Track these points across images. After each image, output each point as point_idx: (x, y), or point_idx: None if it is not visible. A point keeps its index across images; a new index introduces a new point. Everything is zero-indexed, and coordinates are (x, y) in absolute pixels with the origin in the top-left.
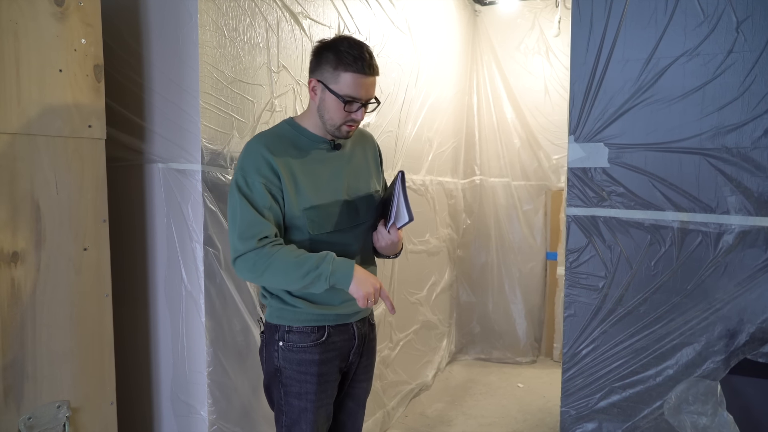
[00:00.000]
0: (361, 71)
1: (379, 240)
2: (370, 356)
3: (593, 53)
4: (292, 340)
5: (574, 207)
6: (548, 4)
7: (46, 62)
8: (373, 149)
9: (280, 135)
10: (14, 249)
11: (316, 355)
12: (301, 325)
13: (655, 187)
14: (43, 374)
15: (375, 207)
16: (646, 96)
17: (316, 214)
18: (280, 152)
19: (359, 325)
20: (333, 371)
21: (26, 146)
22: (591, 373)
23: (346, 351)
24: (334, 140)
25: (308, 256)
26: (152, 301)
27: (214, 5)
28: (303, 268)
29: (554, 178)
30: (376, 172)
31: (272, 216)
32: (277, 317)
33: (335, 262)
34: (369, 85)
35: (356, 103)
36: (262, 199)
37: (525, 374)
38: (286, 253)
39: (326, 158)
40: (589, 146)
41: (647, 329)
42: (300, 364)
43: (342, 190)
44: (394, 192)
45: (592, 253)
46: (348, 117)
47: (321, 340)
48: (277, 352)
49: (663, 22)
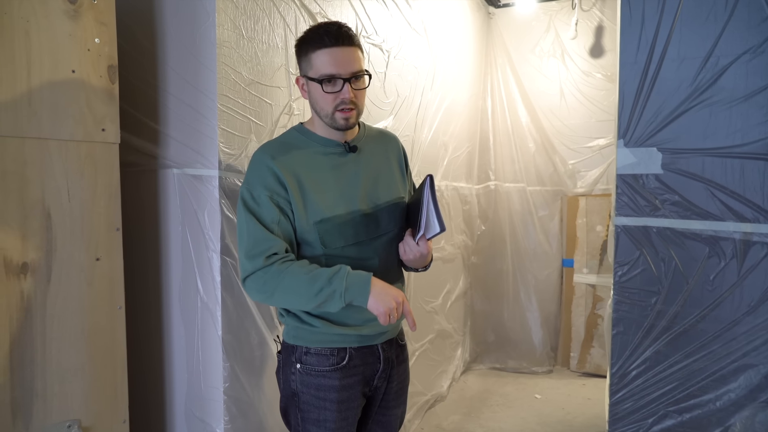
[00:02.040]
0: (329, 44)
1: (406, 252)
2: (402, 380)
3: (645, 52)
4: (310, 363)
5: (623, 216)
6: (564, 6)
7: (58, 62)
8: (397, 151)
9: (287, 143)
10: (24, 260)
11: (336, 381)
12: (320, 347)
13: (714, 195)
14: (53, 392)
15: (398, 216)
16: (704, 97)
17: (328, 228)
18: (286, 162)
19: (385, 347)
20: (355, 397)
21: (37, 151)
22: (642, 396)
23: (369, 375)
24: (348, 143)
25: (320, 272)
26: (166, 313)
27: (233, 4)
28: (315, 285)
29: (570, 184)
30: (400, 177)
31: (282, 231)
32: (294, 337)
33: (350, 277)
34: (344, 57)
35: (337, 80)
36: (269, 214)
37: (542, 384)
38: (296, 269)
39: (340, 164)
40: (640, 151)
41: (705, 349)
42: (318, 389)
43: (358, 198)
44: (423, 199)
45: (643, 266)
46: (336, 100)
47: (341, 364)
48: (294, 374)
49: (723, 17)
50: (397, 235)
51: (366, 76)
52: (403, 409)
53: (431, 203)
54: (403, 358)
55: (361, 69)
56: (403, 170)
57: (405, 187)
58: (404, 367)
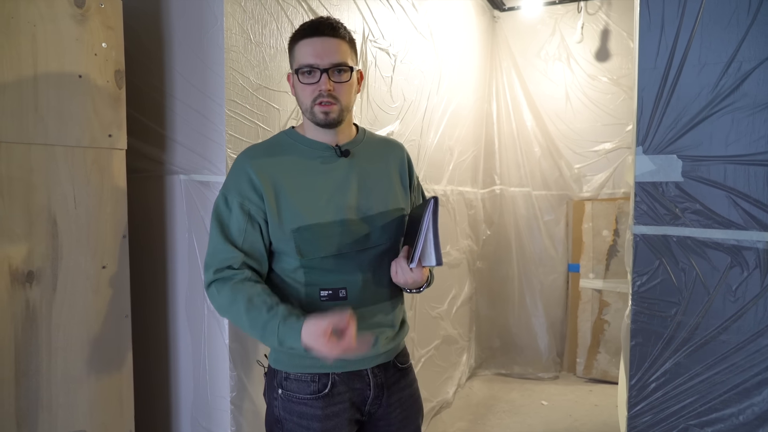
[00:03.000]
0: (309, 34)
1: (397, 274)
2: (406, 407)
3: (665, 57)
4: (291, 389)
5: (642, 225)
6: (569, 9)
7: (65, 67)
8: (399, 160)
9: (273, 146)
10: (30, 268)
11: (318, 410)
12: (300, 372)
13: (736, 203)
14: (59, 402)
15: (394, 229)
16: (726, 103)
17: (307, 236)
18: (266, 165)
19: (377, 372)
20: (342, 426)
21: (43, 157)
22: (662, 409)
23: (359, 401)
24: (339, 146)
25: (257, 315)
26: (172, 321)
27: (240, 8)
28: (254, 331)
29: (576, 188)
30: (400, 188)
31: (247, 242)
32: (274, 360)
33: (281, 330)
34: (324, 47)
35: (315, 70)
36: (237, 222)
37: (548, 391)
38: (241, 302)
39: (329, 168)
40: (659, 158)
41: (727, 361)
42: (301, 416)
43: (346, 207)
44: (423, 224)
45: (663, 276)
46: (315, 92)
47: (323, 392)
48: (276, 400)
49: (746, 22)
50: (391, 249)
51: (349, 71)
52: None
53: (431, 231)
54: (407, 384)
55: (344, 62)
56: (405, 180)
57: (406, 198)
58: (409, 393)
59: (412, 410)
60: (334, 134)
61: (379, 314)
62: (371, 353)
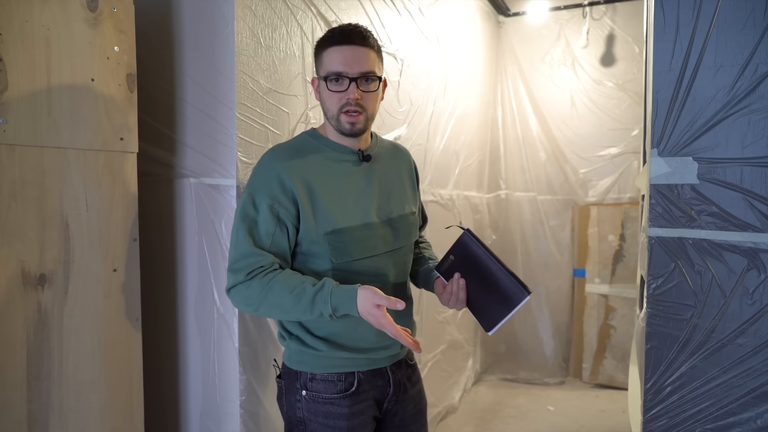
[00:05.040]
0: (339, 42)
1: (449, 302)
2: (418, 402)
3: (680, 59)
4: (317, 390)
5: (657, 227)
6: (574, 14)
7: (77, 71)
8: (408, 166)
9: (299, 147)
10: (42, 271)
11: (345, 408)
12: (326, 372)
13: (753, 206)
14: (69, 406)
15: (411, 231)
16: (743, 105)
17: (341, 239)
18: (297, 167)
19: (395, 369)
20: (366, 423)
21: (56, 160)
22: (678, 413)
23: (380, 399)
24: (361, 151)
25: (304, 290)
26: (182, 325)
27: (251, 12)
28: (300, 305)
29: (581, 193)
30: (411, 193)
31: (274, 245)
32: (297, 362)
33: (334, 296)
34: (353, 56)
35: (344, 78)
36: (265, 225)
37: (554, 396)
38: (280, 285)
39: (353, 172)
40: (675, 161)
41: (744, 365)
42: (327, 416)
43: (372, 210)
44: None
45: (678, 279)
46: (342, 100)
47: (350, 391)
48: (299, 402)
49: (762, 23)
50: (409, 250)
51: (377, 80)
52: (426, 429)
53: (501, 272)
54: (416, 380)
55: (372, 71)
56: (414, 185)
57: (415, 202)
58: (417, 389)
59: (421, 405)
60: (357, 140)
61: (403, 313)
62: (393, 351)
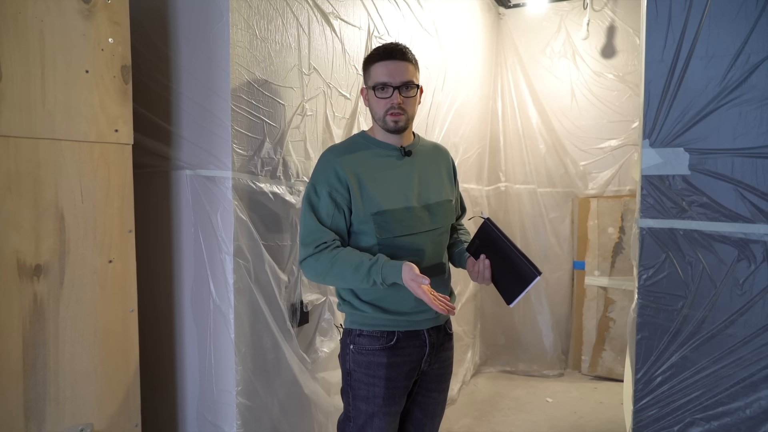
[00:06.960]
0: (382, 58)
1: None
2: (444, 366)
3: (672, 50)
4: (362, 343)
5: (649, 218)
6: (575, 6)
7: (72, 62)
8: (447, 162)
9: (351, 145)
10: (37, 262)
11: (384, 358)
12: (371, 329)
13: (743, 196)
14: (66, 395)
15: (448, 215)
16: (734, 96)
17: (384, 219)
18: (348, 161)
19: (431, 332)
20: (402, 377)
21: (50, 152)
22: (668, 402)
23: (416, 358)
24: (403, 147)
25: (361, 263)
26: (178, 316)
27: (246, 3)
28: (358, 275)
29: (581, 185)
30: (449, 183)
31: (333, 223)
32: (350, 322)
33: (384, 269)
34: (395, 69)
35: (388, 87)
36: (325, 208)
37: (553, 388)
38: (343, 259)
39: (396, 165)
40: (666, 152)
41: (734, 355)
42: (369, 366)
43: (412, 196)
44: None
45: (669, 270)
46: (387, 105)
47: (390, 344)
48: (348, 355)
49: (754, 14)
50: (446, 231)
51: (416, 88)
52: (444, 396)
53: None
54: (449, 346)
55: (411, 80)
56: (452, 179)
57: (452, 192)
58: (448, 354)
59: (447, 369)
60: (399, 138)
61: (438, 284)
62: (430, 315)
